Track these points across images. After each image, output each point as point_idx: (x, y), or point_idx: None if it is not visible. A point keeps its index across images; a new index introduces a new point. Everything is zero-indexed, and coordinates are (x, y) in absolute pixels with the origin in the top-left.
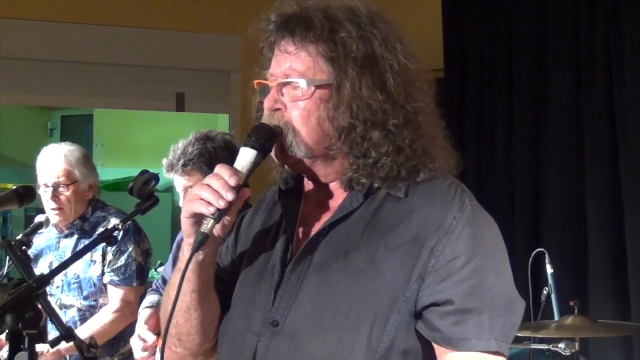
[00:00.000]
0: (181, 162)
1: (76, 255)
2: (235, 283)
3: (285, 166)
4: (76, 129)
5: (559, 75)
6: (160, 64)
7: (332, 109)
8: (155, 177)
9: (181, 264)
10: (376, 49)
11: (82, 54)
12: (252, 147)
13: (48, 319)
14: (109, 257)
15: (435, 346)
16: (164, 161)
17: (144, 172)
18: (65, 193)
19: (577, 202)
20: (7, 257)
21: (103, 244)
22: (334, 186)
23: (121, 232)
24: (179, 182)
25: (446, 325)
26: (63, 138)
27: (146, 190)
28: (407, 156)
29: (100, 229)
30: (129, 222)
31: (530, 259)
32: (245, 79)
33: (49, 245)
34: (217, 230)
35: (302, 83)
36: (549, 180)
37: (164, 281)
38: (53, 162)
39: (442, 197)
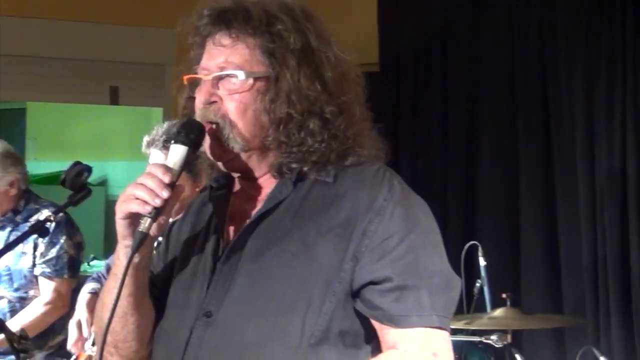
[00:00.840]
0: (163, 138)
1: (7, 247)
2: (168, 288)
3: (219, 164)
4: (8, 123)
5: (494, 69)
6: (94, 57)
7: (269, 100)
8: (88, 169)
9: (116, 268)
10: (312, 41)
11: (14, 47)
12: (183, 143)
13: None
14: (40, 249)
15: (376, 324)
16: (145, 138)
17: (77, 163)
18: None
19: (510, 196)
20: None
21: (34, 236)
22: (263, 179)
23: (53, 224)
24: (158, 156)
25: (386, 302)
26: None
27: (79, 182)
28: (340, 142)
29: (32, 219)
30: (61, 215)
31: (464, 251)
32: (173, 86)
33: None
34: (153, 229)
35: (240, 75)
36: (482, 173)
37: (109, 270)
38: None
39: (371, 181)
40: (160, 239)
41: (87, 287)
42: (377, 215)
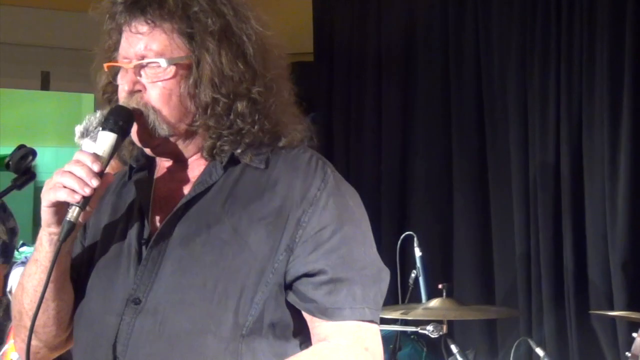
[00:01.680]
0: (98, 130)
1: None
2: (87, 271)
3: (147, 150)
4: None
5: (428, 62)
6: (25, 41)
7: (193, 85)
8: (33, 152)
9: (38, 254)
10: (230, 19)
11: None
12: (112, 130)
13: None
14: None
15: (308, 317)
16: (77, 127)
17: (21, 146)
18: None
19: (443, 187)
20: None
21: None
22: (191, 160)
23: None
24: (90, 147)
25: (320, 295)
26: None
27: (23, 165)
28: (270, 121)
29: None
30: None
31: (399, 241)
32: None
33: None
34: (80, 218)
35: (162, 63)
36: (416, 164)
37: None
38: None
39: (305, 169)
40: None
41: (18, 272)
42: (310, 206)
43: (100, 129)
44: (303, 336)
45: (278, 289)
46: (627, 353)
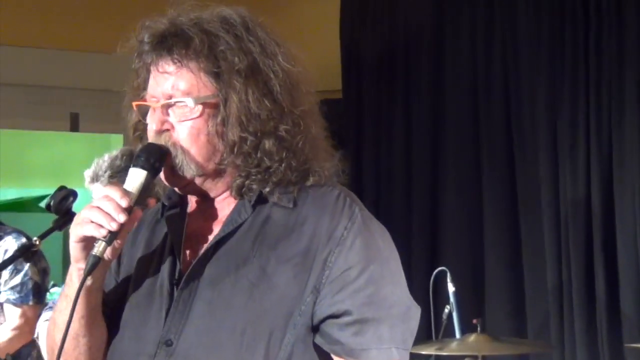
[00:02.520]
0: (107, 173)
1: None
2: (120, 306)
3: (175, 189)
4: None
5: (457, 97)
6: (54, 83)
7: (221, 124)
8: (74, 193)
9: (67, 289)
10: (257, 57)
11: None
12: (142, 167)
13: None
14: (5, 276)
15: (336, 358)
16: (87, 172)
17: (62, 188)
18: None
19: (474, 221)
20: None
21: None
22: (221, 199)
23: (11, 251)
24: (102, 191)
25: (346, 336)
26: None
27: (64, 206)
28: (298, 159)
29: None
30: (24, 242)
31: (432, 277)
32: (123, 109)
33: None
34: (108, 253)
35: (189, 102)
36: (447, 199)
37: None
38: None
39: (332, 208)
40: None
41: (44, 317)
42: (337, 246)
43: (132, 165)
44: None
45: (306, 331)
46: None
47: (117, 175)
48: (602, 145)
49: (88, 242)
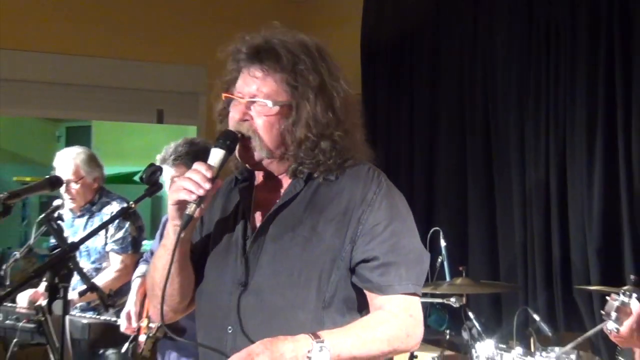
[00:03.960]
0: (172, 157)
1: (100, 228)
2: (204, 257)
3: (246, 165)
4: (78, 137)
5: (447, 101)
6: (145, 87)
7: (291, 124)
8: (160, 169)
9: (166, 240)
10: (325, 78)
11: (84, 79)
12: (221, 147)
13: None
14: (111, 231)
15: (367, 293)
16: (158, 156)
17: (152, 165)
18: (75, 187)
19: (461, 193)
20: (33, 231)
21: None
22: (281, 177)
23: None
24: (169, 172)
25: (375, 276)
26: (67, 144)
27: (153, 179)
28: (342, 157)
29: (105, 211)
30: (132, 203)
31: (429, 235)
32: (209, 100)
33: (66, 224)
34: (197, 213)
35: (269, 104)
36: (440, 176)
37: (152, 254)
38: (65, 163)
39: (364, 178)
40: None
41: (139, 271)
42: (368, 206)
43: (214, 146)
44: (367, 311)
45: (346, 272)
46: (601, 311)
47: (179, 159)
48: (558, 140)
49: (181, 205)
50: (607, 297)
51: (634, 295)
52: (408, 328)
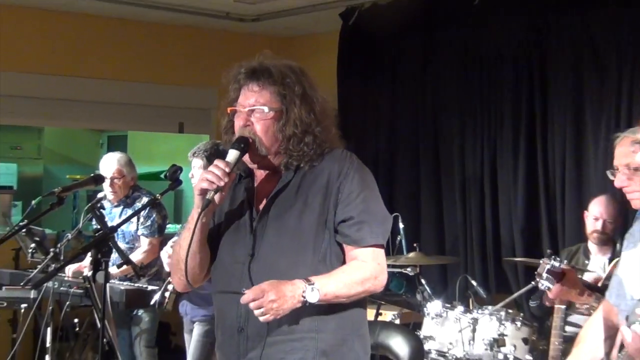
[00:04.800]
0: (201, 151)
1: (133, 215)
2: (217, 239)
3: (254, 165)
4: (117, 144)
5: (406, 111)
6: (169, 105)
7: (282, 125)
8: (180, 168)
9: (189, 224)
10: (307, 89)
11: (123, 99)
12: (237, 149)
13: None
14: (141, 219)
15: (345, 246)
16: (191, 151)
17: (174, 165)
18: (118, 183)
19: (415, 184)
20: (82, 217)
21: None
22: (276, 170)
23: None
24: (198, 163)
25: (352, 232)
26: (109, 149)
27: (175, 176)
28: (322, 147)
29: (137, 202)
30: (159, 195)
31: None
32: (219, 115)
33: (105, 212)
34: (216, 199)
35: (265, 109)
36: (399, 172)
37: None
38: (111, 164)
39: (339, 158)
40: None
41: (170, 242)
42: (344, 178)
43: (231, 147)
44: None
45: (332, 233)
46: (535, 272)
47: (206, 154)
48: (490, 142)
49: (204, 193)
50: (540, 262)
51: (565, 261)
52: (376, 273)
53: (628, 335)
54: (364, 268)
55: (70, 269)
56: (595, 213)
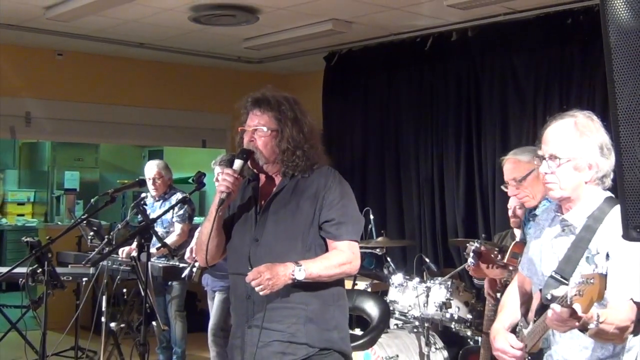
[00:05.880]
0: (221, 161)
1: (169, 209)
2: (231, 226)
3: (253, 170)
4: (155, 156)
5: (372, 129)
6: (195, 126)
7: (278, 141)
8: (204, 174)
9: (209, 216)
10: (298, 114)
11: (159, 122)
12: (241, 158)
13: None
14: (176, 209)
15: (328, 240)
16: (213, 161)
17: (199, 172)
18: (158, 182)
19: (381, 183)
20: (129, 212)
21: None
22: (275, 176)
23: (181, 197)
24: (218, 169)
25: (333, 230)
26: (149, 160)
27: (200, 180)
28: (311, 161)
29: (173, 197)
30: (185, 194)
31: (363, 212)
32: (233, 134)
33: (148, 205)
34: (229, 198)
35: (264, 129)
36: (369, 175)
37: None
38: (152, 168)
39: (325, 174)
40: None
41: (197, 231)
42: (328, 190)
43: (236, 158)
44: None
45: (317, 229)
46: (464, 253)
47: (224, 162)
48: (438, 148)
49: (221, 194)
50: (467, 244)
51: (483, 243)
52: (351, 259)
53: (549, 312)
54: (341, 255)
55: (122, 251)
56: (509, 204)
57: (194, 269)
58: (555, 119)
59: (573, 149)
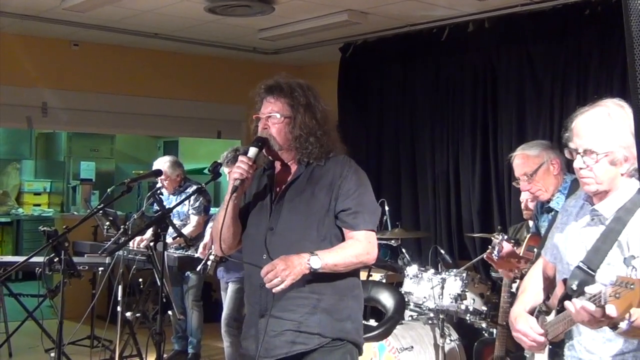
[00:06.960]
0: (227, 160)
1: (184, 199)
2: (246, 215)
3: (269, 157)
4: (170, 147)
5: (390, 121)
6: (210, 117)
7: (291, 128)
8: (220, 164)
9: (223, 205)
10: (311, 100)
11: (175, 112)
12: (256, 146)
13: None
14: (192, 202)
15: (345, 230)
16: (222, 154)
17: (215, 162)
18: (166, 182)
19: (396, 175)
20: (145, 202)
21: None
22: (290, 164)
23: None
24: (227, 170)
25: (349, 219)
26: (165, 152)
27: (215, 170)
28: (324, 148)
29: (188, 190)
30: (199, 185)
31: (379, 203)
32: (247, 124)
33: (164, 197)
34: (243, 185)
35: (278, 116)
36: (384, 165)
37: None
38: (161, 164)
39: (341, 163)
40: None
41: (209, 226)
42: (344, 179)
43: (250, 146)
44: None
45: (333, 219)
46: (489, 245)
47: (230, 157)
48: (454, 144)
49: (234, 182)
50: (492, 238)
51: (506, 237)
52: (368, 249)
53: (571, 307)
54: (358, 245)
55: (136, 241)
56: (521, 197)
57: (209, 262)
58: (586, 109)
59: (609, 142)
